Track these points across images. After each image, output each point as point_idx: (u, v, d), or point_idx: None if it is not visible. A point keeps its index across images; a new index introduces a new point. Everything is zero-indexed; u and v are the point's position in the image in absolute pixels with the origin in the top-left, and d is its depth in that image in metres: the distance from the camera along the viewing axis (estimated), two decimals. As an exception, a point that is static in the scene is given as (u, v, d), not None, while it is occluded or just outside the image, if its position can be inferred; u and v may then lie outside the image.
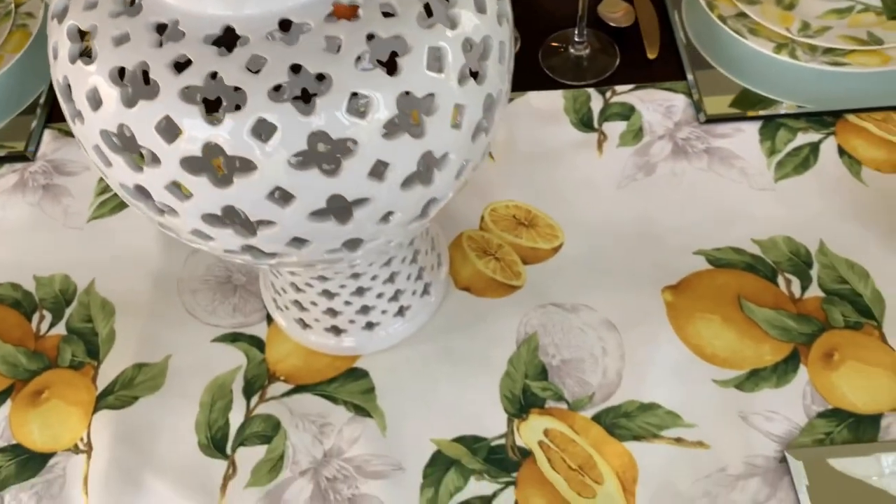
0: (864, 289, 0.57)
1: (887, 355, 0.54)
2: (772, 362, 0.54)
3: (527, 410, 0.53)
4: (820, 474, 0.49)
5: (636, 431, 0.52)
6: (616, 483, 0.50)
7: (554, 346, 0.56)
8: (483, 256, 0.60)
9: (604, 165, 0.65)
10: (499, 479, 0.51)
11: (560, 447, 0.52)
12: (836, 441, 0.51)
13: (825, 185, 0.62)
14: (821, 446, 0.50)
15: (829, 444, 0.50)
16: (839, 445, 0.50)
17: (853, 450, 0.50)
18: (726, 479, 0.50)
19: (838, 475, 0.49)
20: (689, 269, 0.59)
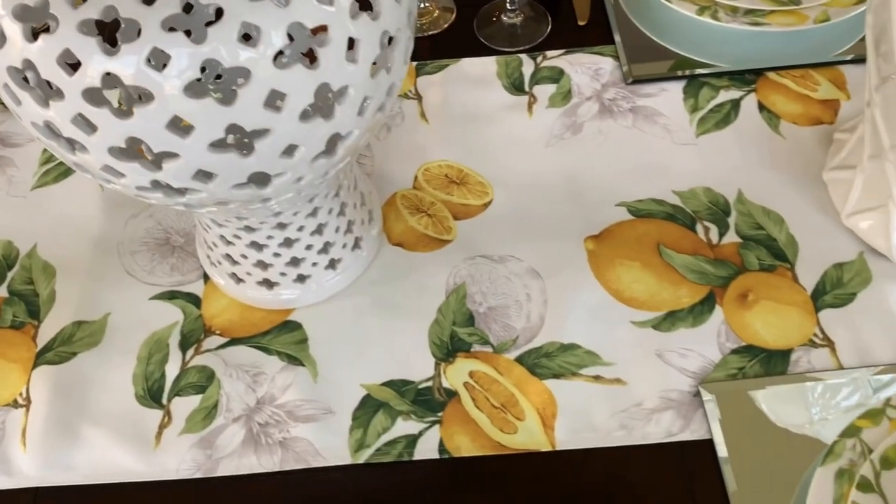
0: (778, 234, 0.59)
1: (798, 294, 0.56)
2: (688, 304, 0.56)
3: (454, 355, 0.55)
4: (731, 406, 0.51)
5: (556, 370, 0.54)
6: (536, 419, 0.52)
7: (481, 294, 0.58)
8: (416, 214, 0.62)
9: (533, 126, 0.67)
10: (425, 418, 0.53)
11: (484, 387, 0.53)
12: (748, 375, 0.53)
13: (744, 138, 0.65)
14: (733, 380, 0.53)
15: (742, 378, 0.53)
16: (750, 379, 0.52)
17: (763, 382, 0.52)
18: (642, 413, 0.52)
19: (746, 405, 0.51)
20: (611, 220, 0.61)
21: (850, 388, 0.51)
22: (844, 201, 0.58)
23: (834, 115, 0.65)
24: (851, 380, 0.51)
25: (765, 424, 0.50)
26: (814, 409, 0.51)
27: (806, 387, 0.51)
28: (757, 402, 0.51)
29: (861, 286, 0.56)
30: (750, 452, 0.49)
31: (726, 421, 0.51)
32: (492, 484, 0.50)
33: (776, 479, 0.48)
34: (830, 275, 0.57)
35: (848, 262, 0.57)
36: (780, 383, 0.52)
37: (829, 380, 0.51)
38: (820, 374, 0.52)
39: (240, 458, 0.52)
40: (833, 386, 0.51)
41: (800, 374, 0.52)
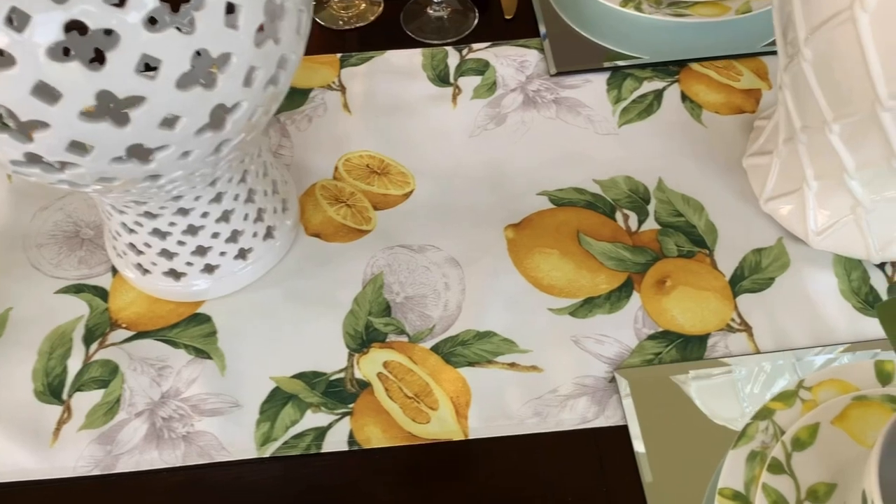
0: (698, 220, 0.59)
1: (716, 280, 0.56)
2: (606, 290, 0.55)
3: (368, 345, 0.54)
4: (646, 391, 0.50)
5: (471, 358, 0.53)
6: (450, 407, 0.51)
7: (399, 283, 0.56)
8: (335, 204, 0.61)
9: (457, 117, 0.66)
10: (336, 410, 0.51)
11: (398, 377, 0.52)
12: (664, 360, 0.52)
13: (666, 128, 0.64)
14: (649, 365, 0.52)
15: (658, 363, 0.52)
16: (666, 364, 0.52)
17: (679, 367, 0.51)
18: (556, 399, 0.51)
19: (662, 390, 0.50)
20: (532, 208, 0.60)
21: (766, 371, 0.51)
22: (763, 187, 0.58)
23: (755, 104, 0.65)
24: (767, 363, 0.51)
25: (680, 410, 0.50)
26: (729, 393, 0.50)
27: (720, 372, 0.51)
28: (673, 388, 0.50)
29: (779, 271, 0.56)
30: (665, 438, 0.49)
31: (641, 407, 0.50)
32: (402, 474, 0.49)
33: (692, 465, 0.48)
34: (749, 260, 0.56)
35: (766, 248, 0.57)
36: (696, 368, 0.51)
37: (745, 364, 0.51)
38: (736, 359, 0.51)
39: (141, 453, 0.49)
40: (748, 370, 0.51)
41: (716, 359, 0.52)
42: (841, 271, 0.55)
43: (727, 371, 0.51)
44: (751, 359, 0.51)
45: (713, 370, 0.51)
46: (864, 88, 0.44)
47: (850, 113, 0.46)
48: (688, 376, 0.51)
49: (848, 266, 0.56)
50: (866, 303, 0.54)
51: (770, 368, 0.51)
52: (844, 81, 0.45)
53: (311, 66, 0.70)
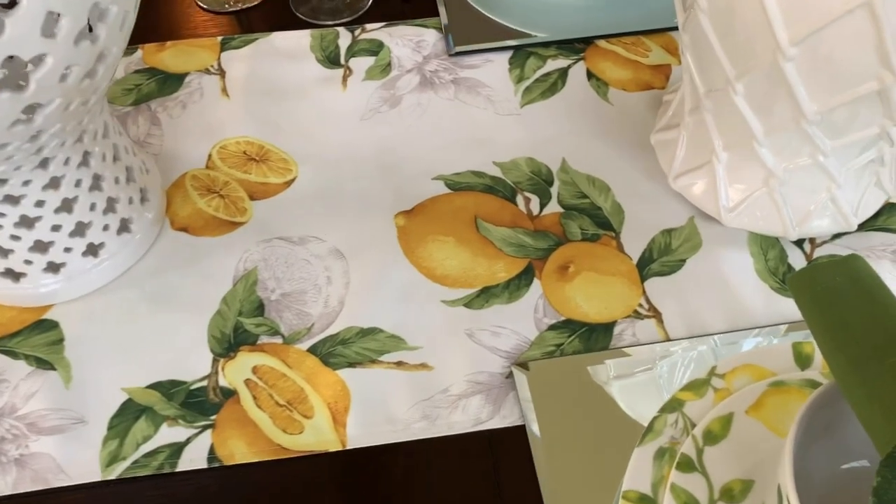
0: (604, 202, 0.54)
1: (623, 263, 0.51)
2: (505, 279, 0.50)
3: (236, 349, 0.47)
4: (546, 386, 0.45)
5: (353, 358, 0.47)
6: (327, 414, 0.45)
7: (275, 279, 0.50)
8: (206, 195, 0.55)
9: (348, 99, 0.61)
10: (195, 423, 0.45)
11: (269, 383, 0.46)
12: (566, 352, 0.47)
13: (571, 107, 0.60)
14: (549, 358, 0.47)
15: (560, 355, 0.47)
16: (568, 356, 0.47)
17: (582, 360, 0.46)
18: (447, 400, 0.45)
19: (564, 385, 0.45)
20: (426, 194, 0.55)
21: (675, 359, 0.46)
22: (671, 163, 0.53)
23: (665, 80, 0.61)
24: (676, 350, 0.46)
25: (583, 406, 0.45)
26: (637, 385, 0.45)
27: (627, 361, 0.46)
28: (575, 382, 0.45)
29: (690, 252, 0.51)
30: (567, 438, 0.43)
31: (540, 404, 0.45)
32: (271, 492, 0.42)
33: (597, 467, 0.42)
34: (658, 242, 0.52)
35: (677, 228, 0.53)
36: (599, 360, 0.46)
37: (653, 352, 0.46)
38: (644, 347, 0.47)
39: (-37, 482, 0.43)
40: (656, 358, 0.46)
41: (621, 349, 0.47)
42: (757, 250, 0.51)
43: (632, 361, 0.46)
44: (659, 347, 0.47)
45: (617, 360, 0.46)
46: (764, 36, 0.40)
47: (753, 67, 0.42)
48: (590, 368, 0.46)
49: (764, 244, 0.51)
50: (784, 283, 0.50)
51: (680, 356, 0.46)
52: (743, 31, 0.41)
53: (188, 50, 0.64)
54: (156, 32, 0.66)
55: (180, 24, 0.67)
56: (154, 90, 0.61)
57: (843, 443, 0.38)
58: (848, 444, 0.38)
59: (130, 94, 0.61)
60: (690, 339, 0.47)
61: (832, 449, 0.39)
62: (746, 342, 0.47)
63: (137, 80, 0.62)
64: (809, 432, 0.35)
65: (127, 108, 0.60)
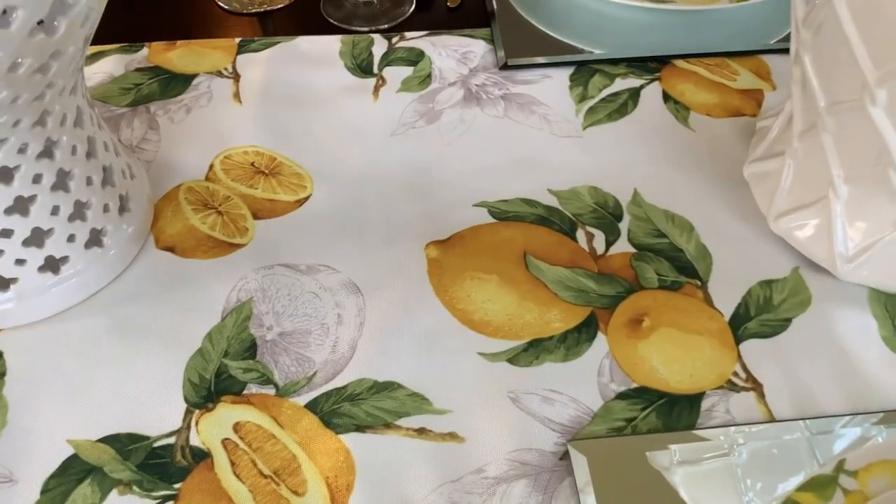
0: (686, 243, 0.44)
1: (712, 320, 0.40)
2: (560, 330, 0.40)
3: (216, 399, 0.37)
4: (614, 474, 0.34)
5: (362, 420, 0.36)
6: (323, 492, 0.34)
7: (273, 314, 0.41)
8: (202, 210, 0.46)
9: (378, 112, 0.52)
10: (153, 492, 0.34)
11: (253, 446, 0.36)
12: (640, 430, 0.36)
13: (644, 132, 0.50)
14: (618, 436, 0.36)
15: (631, 433, 0.36)
16: (643, 435, 0.36)
17: (662, 440, 0.36)
18: (482, 485, 0.34)
19: (640, 474, 0.34)
20: (465, 223, 0.45)
21: (786, 447, 0.35)
22: (771, 200, 0.43)
23: (757, 106, 0.52)
24: (787, 436, 0.35)
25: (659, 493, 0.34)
26: (737, 480, 0.34)
27: (722, 446, 0.35)
28: (651, 471, 0.34)
29: (797, 310, 0.41)
30: (640, 545, 0.32)
31: (606, 496, 0.34)
32: None
33: (678, 587, 0.31)
34: (755, 295, 0.41)
35: (779, 280, 0.42)
36: (685, 440, 0.35)
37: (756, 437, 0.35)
38: (743, 429, 0.36)
39: None
40: (761, 444, 0.35)
41: (714, 429, 0.36)
42: (881, 311, 0.40)
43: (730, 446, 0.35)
44: (763, 429, 0.36)
45: (709, 444, 0.35)
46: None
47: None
48: (674, 453, 0.35)
49: (891, 305, 0.41)
50: (920, 355, 0.39)
51: (790, 443, 0.35)
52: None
53: (200, 51, 0.56)
54: (167, 31, 0.58)
55: (197, 25, 0.59)
56: (156, 91, 0.53)
57: None
58: None
59: (128, 95, 0.52)
60: (802, 420, 0.36)
61: None
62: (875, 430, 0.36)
63: (138, 79, 0.54)
64: None
65: (122, 110, 0.52)
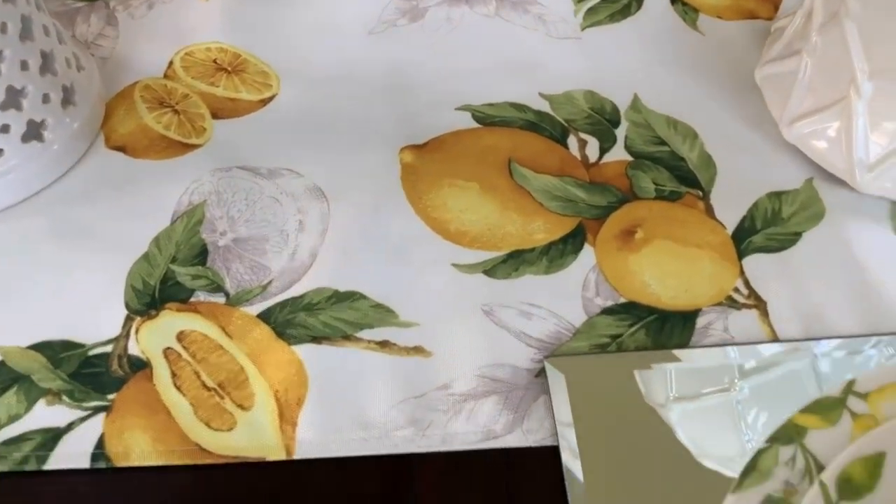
0: (688, 151, 0.40)
1: (713, 232, 0.36)
2: (544, 241, 0.36)
3: (159, 306, 0.34)
4: (595, 394, 0.31)
5: (318, 331, 0.33)
6: (272, 407, 0.31)
7: (228, 219, 0.37)
8: (157, 109, 0.42)
9: (355, 7, 0.47)
10: (85, 402, 0.31)
11: (197, 357, 0.32)
12: (626, 347, 0.33)
13: (648, 34, 0.46)
14: (601, 353, 0.32)
15: (616, 350, 0.33)
16: (630, 352, 0.32)
17: (649, 357, 0.32)
18: (447, 401, 0.31)
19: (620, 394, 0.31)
20: (446, 127, 0.41)
21: (789, 367, 0.31)
22: (785, 104, 0.39)
23: (773, 10, 0.47)
24: (792, 356, 0.32)
25: (649, 425, 0.30)
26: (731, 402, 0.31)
27: (717, 366, 0.31)
28: (638, 390, 0.31)
29: (809, 223, 0.37)
30: (621, 470, 0.29)
31: (584, 418, 0.30)
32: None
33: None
34: (763, 207, 0.37)
35: (790, 191, 0.38)
36: (675, 359, 0.32)
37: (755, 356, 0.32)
38: (743, 348, 0.32)
39: None
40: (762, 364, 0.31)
41: (708, 348, 0.32)
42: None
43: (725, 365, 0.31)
44: (765, 348, 0.32)
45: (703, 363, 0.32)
46: None
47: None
48: (662, 371, 0.31)
49: (914, 220, 0.37)
50: (945, 273, 0.35)
51: (795, 363, 0.31)
52: None
53: (167, -57, 0.51)
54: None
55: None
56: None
57: None
58: None
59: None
60: (809, 340, 0.32)
61: None
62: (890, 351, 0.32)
63: (97, -29, 0.49)
64: None
65: (78, 4, 0.47)
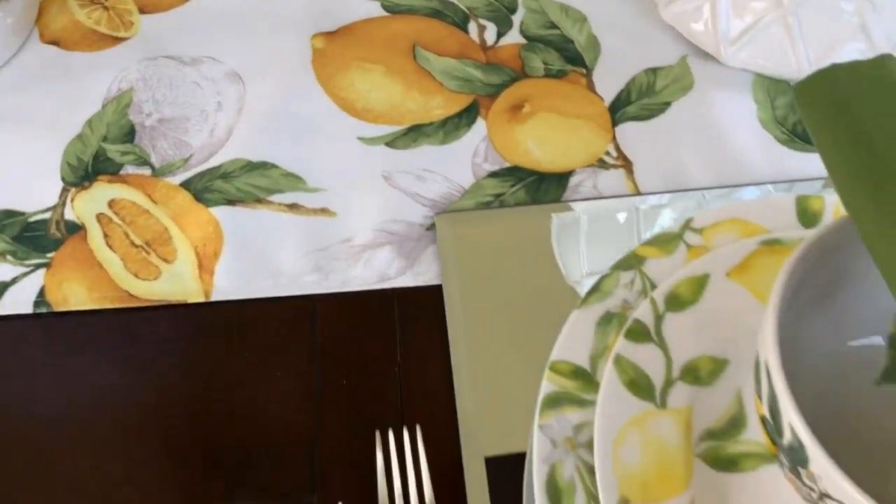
0: (577, 34, 0.43)
1: (592, 105, 0.40)
2: (441, 116, 0.40)
3: (92, 178, 0.38)
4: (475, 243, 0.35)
5: (233, 195, 0.37)
6: (192, 259, 0.35)
7: (153, 102, 0.41)
8: (88, 6, 0.44)
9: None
10: (27, 260, 0.35)
11: (126, 220, 0.36)
12: (507, 203, 0.37)
13: (550, -72, 0.49)
14: (485, 209, 0.37)
15: (498, 206, 0.37)
16: (509, 207, 0.37)
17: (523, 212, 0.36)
18: (348, 252, 0.35)
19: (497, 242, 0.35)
20: (356, 16, 0.44)
21: (643, 214, 0.36)
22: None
23: None
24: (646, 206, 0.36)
25: (519, 267, 0.35)
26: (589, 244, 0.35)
27: (580, 215, 0.36)
28: (511, 238, 0.35)
29: (678, 94, 0.41)
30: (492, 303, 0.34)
31: (465, 261, 0.35)
32: (108, 346, 0.33)
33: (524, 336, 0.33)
34: (639, 82, 0.41)
35: (665, 67, 0.42)
36: (545, 214, 0.36)
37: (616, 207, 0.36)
38: (605, 202, 0.37)
39: None
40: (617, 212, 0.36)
41: (574, 201, 0.37)
42: (763, 97, 0.40)
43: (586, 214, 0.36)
44: (626, 201, 0.37)
45: (569, 213, 0.36)
46: None
47: None
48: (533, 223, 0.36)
49: (773, 90, 0.41)
50: (793, 134, 0.39)
51: (650, 213, 0.36)
52: None
53: None
54: None
55: None
56: None
57: (851, 312, 0.28)
58: (857, 313, 0.28)
59: None
60: (666, 193, 0.37)
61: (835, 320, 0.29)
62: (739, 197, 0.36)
63: None
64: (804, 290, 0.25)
65: None
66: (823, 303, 0.27)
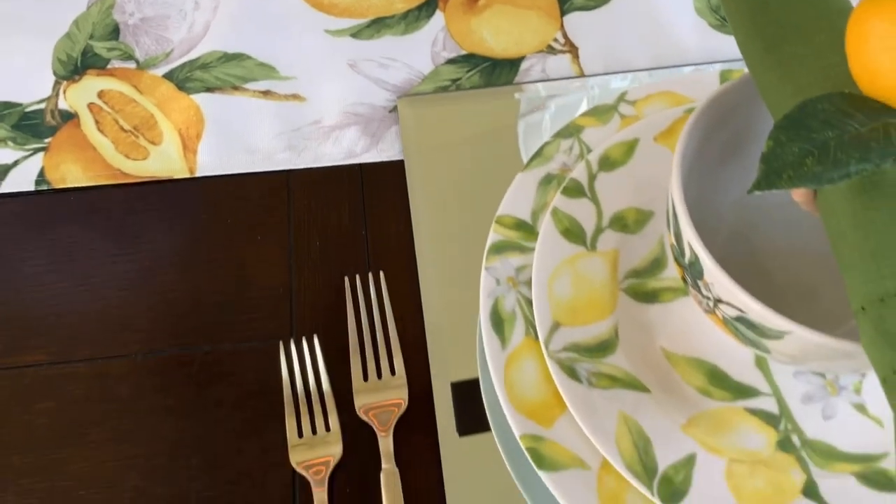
0: (530, -67, 0.46)
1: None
2: (403, 10, 0.43)
3: (82, 72, 0.41)
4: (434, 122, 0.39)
5: (211, 83, 0.40)
6: (176, 141, 0.39)
7: (135, 3, 0.43)
8: (67, -86, 0.47)
9: None
10: (26, 146, 0.39)
11: (115, 108, 0.40)
12: (463, 87, 0.41)
13: None
14: (443, 92, 0.40)
15: (455, 90, 0.41)
16: (462, 91, 0.40)
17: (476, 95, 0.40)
18: (318, 132, 0.39)
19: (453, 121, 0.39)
20: (323, -81, 0.47)
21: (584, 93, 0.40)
22: None
23: None
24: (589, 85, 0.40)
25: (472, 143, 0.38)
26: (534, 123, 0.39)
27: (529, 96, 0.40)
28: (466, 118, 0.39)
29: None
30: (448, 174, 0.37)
31: (424, 138, 0.38)
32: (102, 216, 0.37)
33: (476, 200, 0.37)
34: (587, -25, 0.45)
35: (610, -38, 0.45)
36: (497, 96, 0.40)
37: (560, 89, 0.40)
38: (551, 84, 0.40)
39: None
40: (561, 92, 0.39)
41: (523, 84, 0.40)
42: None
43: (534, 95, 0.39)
44: (569, 83, 0.40)
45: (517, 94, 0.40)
46: None
47: None
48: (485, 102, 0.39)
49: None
50: (725, 20, 0.43)
51: (593, 91, 0.40)
52: None
53: None
54: None
55: None
56: None
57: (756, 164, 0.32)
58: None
59: None
60: (607, 74, 0.40)
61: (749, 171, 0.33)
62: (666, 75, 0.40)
63: None
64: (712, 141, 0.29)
65: None
66: (738, 156, 0.31)
